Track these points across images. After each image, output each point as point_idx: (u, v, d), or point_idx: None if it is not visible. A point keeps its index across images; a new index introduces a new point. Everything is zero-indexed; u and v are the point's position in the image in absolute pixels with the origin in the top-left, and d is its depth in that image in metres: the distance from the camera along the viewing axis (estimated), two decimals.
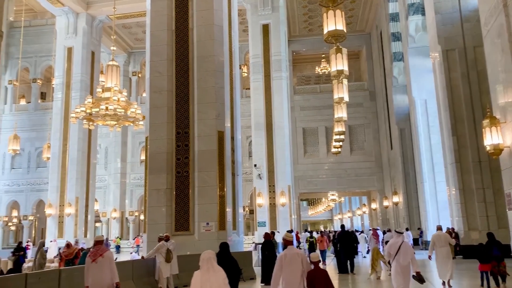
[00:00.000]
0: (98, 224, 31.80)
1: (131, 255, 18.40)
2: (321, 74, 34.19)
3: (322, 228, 56.58)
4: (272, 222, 22.92)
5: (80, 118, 16.38)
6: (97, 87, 20.87)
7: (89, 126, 17.41)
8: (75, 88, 25.71)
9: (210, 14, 14.19)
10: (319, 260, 5.93)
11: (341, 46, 13.04)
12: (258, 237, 22.19)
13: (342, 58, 13.37)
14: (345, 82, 16.33)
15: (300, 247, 22.73)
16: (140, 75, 34.52)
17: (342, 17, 11.42)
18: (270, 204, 23.26)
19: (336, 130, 19.97)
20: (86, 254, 13.83)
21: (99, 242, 6.99)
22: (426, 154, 22.23)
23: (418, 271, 7.06)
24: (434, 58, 18.89)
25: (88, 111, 15.92)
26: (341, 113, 18.36)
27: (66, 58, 26.21)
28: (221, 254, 6.96)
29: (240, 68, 22.38)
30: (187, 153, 13.48)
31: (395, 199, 27.72)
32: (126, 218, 32.92)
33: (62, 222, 24.66)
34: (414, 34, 22.86)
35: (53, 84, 28.13)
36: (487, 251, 9.54)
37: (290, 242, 6.16)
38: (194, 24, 14.12)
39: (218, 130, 13.62)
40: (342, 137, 20.69)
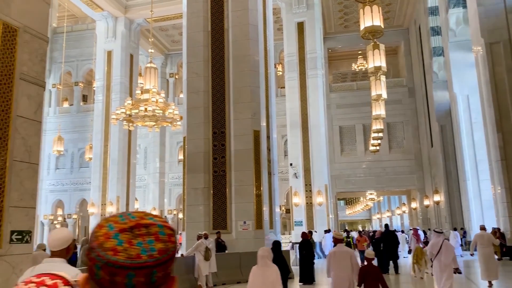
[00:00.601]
0: None
1: None
2: (357, 71, 33.61)
3: (360, 227, 55.65)
4: (309, 222, 22.76)
5: (120, 119, 16.87)
6: (136, 89, 21.40)
7: (129, 127, 17.90)
8: (115, 90, 26.44)
9: (245, 14, 14.24)
10: (373, 257, 6.12)
11: (378, 42, 12.79)
12: (295, 236, 22.09)
13: (380, 54, 13.12)
14: (383, 78, 16.01)
15: None
16: (177, 77, 35.11)
17: (379, 12, 11.20)
18: (307, 203, 23.10)
19: (374, 128, 19.60)
20: None
21: None
22: (468, 151, 21.42)
23: (456, 267, 7.27)
24: (476, 52, 18.15)
25: (127, 113, 16.37)
26: (379, 110, 18.01)
27: (106, 61, 27.00)
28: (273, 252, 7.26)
29: (275, 67, 22.31)
30: (224, 152, 13.60)
31: (436, 198, 26.86)
32: (165, 216, 33.57)
33: None
34: (454, 27, 22.05)
35: (94, 86, 29.04)
36: None
37: (340, 240, 6.50)
38: (229, 24, 14.23)
39: (254, 129, 13.66)
40: (380, 135, 20.28)
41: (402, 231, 26.72)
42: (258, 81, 14.14)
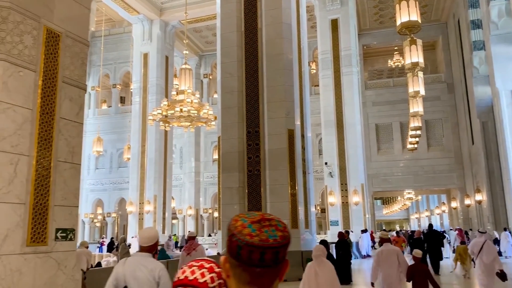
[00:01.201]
0: (174, 221, 33.17)
1: (206, 251, 18.99)
2: (394, 67, 32.87)
3: (398, 227, 54.42)
4: (345, 221, 22.46)
5: (156, 120, 17.24)
6: (171, 90, 21.79)
7: (165, 127, 18.26)
8: (151, 91, 27.01)
9: (279, 13, 14.21)
10: (421, 256, 6.27)
11: (415, 37, 12.47)
12: (330, 236, 21.84)
13: (417, 50, 12.79)
14: (420, 74, 15.62)
15: (375, 247, 22.06)
16: (211, 77, 35.48)
17: (416, 7, 10.91)
18: (343, 202, 22.80)
19: (411, 125, 19.13)
20: (163, 250, 14.55)
21: (192, 237, 7.61)
22: None
23: (501, 269, 7.08)
24: None
25: (164, 113, 16.70)
26: (416, 107, 17.56)
27: (142, 63, 27.62)
28: None
29: (308, 65, 22.14)
30: (258, 152, 13.62)
31: (478, 197, 25.88)
32: (201, 215, 34.02)
33: (142, 219, 26.04)
34: (496, 20, 21.15)
35: (131, 88, 29.79)
36: None
37: (386, 239, 6.65)
38: (263, 23, 14.23)
39: (288, 128, 13.61)
40: (419, 132, 19.77)
41: (443, 232, 25.94)
42: (292, 79, 14.08)
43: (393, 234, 21.85)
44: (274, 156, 13.39)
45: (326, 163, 23.51)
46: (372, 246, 22.74)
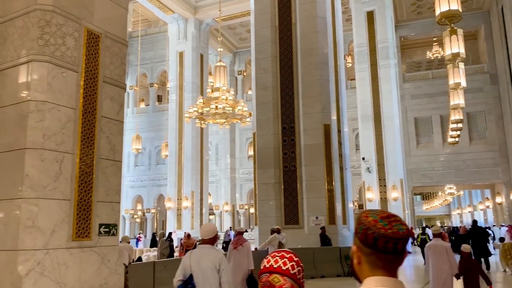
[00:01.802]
0: (211, 216, 33.59)
1: None
2: (433, 59, 31.83)
3: (439, 223, 52.87)
4: None
5: (192, 117, 17.47)
6: (206, 88, 22.01)
7: (201, 124, 18.49)
8: (187, 89, 27.39)
9: (313, 7, 14.06)
10: (470, 251, 6.56)
11: (455, 27, 12.03)
12: None
13: (458, 40, 12.34)
14: (461, 65, 15.07)
15: (414, 243, 21.53)
16: (245, 74, 35.59)
17: None
18: (381, 198, 22.36)
19: (452, 118, 18.47)
20: None
21: (241, 233, 7.88)
22: None
23: None
24: None
25: (199, 111, 16.90)
26: (457, 99, 16.94)
27: (178, 62, 28.05)
28: None
29: (344, 58, 21.81)
30: (294, 147, 13.56)
31: None
32: (237, 211, 34.29)
33: (180, 215, 26.52)
34: None
35: (167, 87, 30.30)
36: None
37: (437, 234, 6.83)
38: (297, 18, 14.12)
39: (324, 123, 13.47)
40: (460, 125, 19.07)
41: (488, 228, 24.98)
42: (328, 74, 13.91)
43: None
44: (310, 151, 13.28)
45: (363, 158, 23.11)
46: (412, 243, 22.19)
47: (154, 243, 21.29)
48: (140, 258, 14.84)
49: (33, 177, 4.96)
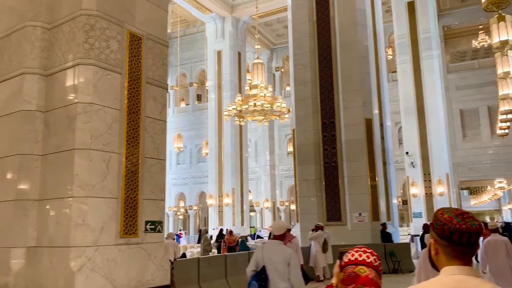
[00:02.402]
0: (252, 213, 33.78)
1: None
2: (479, 48, 30.46)
3: (488, 219, 50.69)
4: (429, 213, 21.33)
5: (231, 115, 17.60)
6: (245, 85, 22.11)
7: (239, 122, 18.59)
8: (226, 88, 27.62)
9: None
10: None
11: (503, 14, 11.48)
12: (414, 228, 20.93)
13: (506, 27, 11.76)
14: (510, 54, 14.36)
15: None
16: (282, 70, 35.46)
17: None
18: (426, 193, 21.68)
19: (501, 109, 17.63)
20: (244, 242, 14.85)
21: (288, 230, 7.69)
22: None
23: None
24: None
25: (238, 109, 16.99)
26: (507, 89, 16.16)
27: (216, 61, 28.33)
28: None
29: (385, 51, 21.28)
30: (334, 143, 13.37)
31: None
32: (278, 207, 34.29)
33: (222, 212, 26.84)
34: None
35: (206, 86, 30.68)
36: None
37: (495, 229, 6.85)
38: (335, 11, 13.89)
39: (366, 117, 13.21)
40: (510, 116, 18.17)
41: None
42: (368, 67, 13.61)
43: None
44: (351, 147, 13.06)
45: (407, 153, 22.49)
46: None
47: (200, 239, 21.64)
48: (184, 255, 15.13)
49: (82, 176, 5.14)
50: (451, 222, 1.51)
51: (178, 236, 27.78)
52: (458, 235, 1.50)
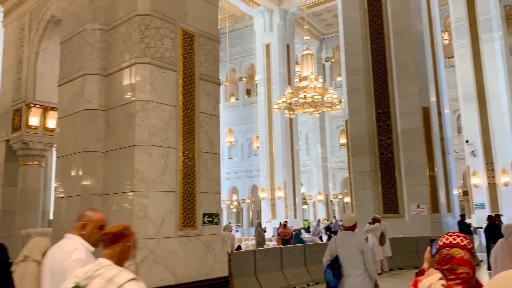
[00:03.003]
0: (305, 206, 33.64)
1: None
2: None
3: None
4: (492, 204, 20.23)
5: (281, 108, 17.56)
6: (294, 78, 21.95)
7: (290, 115, 18.52)
8: (275, 81, 27.57)
9: None
10: None
11: None
12: (476, 220, 19.94)
13: None
14: None
15: None
16: (333, 60, 34.87)
17: None
18: (489, 184, 20.54)
19: None
20: (298, 235, 14.83)
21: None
22: None
23: None
24: None
25: (288, 101, 16.93)
26: None
27: (265, 54, 28.33)
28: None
29: (440, 35, 20.31)
30: (390, 133, 12.98)
31: None
32: (331, 200, 33.91)
33: (274, 205, 26.93)
34: None
35: (255, 80, 30.81)
36: None
37: None
38: None
39: (422, 106, 12.70)
40: None
41: None
42: (424, 53, 13.05)
43: None
44: (408, 136, 12.61)
45: (467, 142, 21.40)
46: None
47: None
48: (239, 247, 15.35)
49: (142, 171, 5.33)
50: None
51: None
52: None
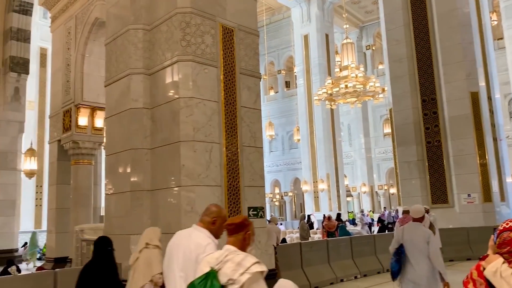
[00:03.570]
0: (349, 198, 33.19)
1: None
2: None
3: None
4: None
5: (322, 99, 17.34)
6: (334, 67, 21.60)
7: (331, 106, 18.27)
8: (314, 72, 27.27)
9: None
10: None
11: None
12: None
13: None
14: None
15: None
16: (374, 48, 34.04)
17: None
18: None
19: None
20: (343, 227, 14.67)
21: (407, 212, 8.18)
22: None
23: None
24: None
25: (329, 92, 16.70)
26: None
27: (303, 45, 28.06)
28: None
29: (489, 16, 19.29)
30: (437, 121, 12.53)
31: None
32: (376, 192, 33.27)
33: (317, 197, 26.75)
34: None
35: (294, 72, 30.59)
36: None
37: None
38: None
39: (471, 91, 12.15)
40: None
41: None
42: (471, 36, 12.45)
43: None
44: (456, 124, 12.12)
45: None
46: None
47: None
48: (284, 240, 15.38)
49: (188, 166, 5.44)
50: None
51: (269, 221, 28.30)
52: None
